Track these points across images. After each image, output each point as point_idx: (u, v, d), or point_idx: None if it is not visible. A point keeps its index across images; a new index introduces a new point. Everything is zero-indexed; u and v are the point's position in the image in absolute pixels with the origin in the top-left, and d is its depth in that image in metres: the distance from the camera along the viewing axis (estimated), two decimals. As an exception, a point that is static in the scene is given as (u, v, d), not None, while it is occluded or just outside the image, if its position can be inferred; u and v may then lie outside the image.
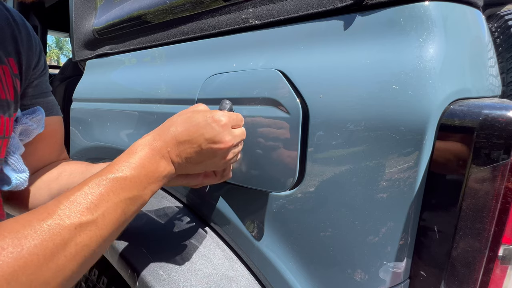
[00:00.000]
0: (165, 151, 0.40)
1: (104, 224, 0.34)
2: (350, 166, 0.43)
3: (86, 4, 0.92)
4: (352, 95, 0.43)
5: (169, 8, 0.68)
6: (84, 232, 0.32)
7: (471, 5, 0.47)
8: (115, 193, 0.35)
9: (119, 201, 0.35)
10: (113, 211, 0.35)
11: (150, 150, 0.40)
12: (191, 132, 0.41)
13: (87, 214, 0.32)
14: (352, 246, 0.45)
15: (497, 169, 0.35)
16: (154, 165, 0.39)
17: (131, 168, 0.37)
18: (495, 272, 0.38)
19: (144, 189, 0.38)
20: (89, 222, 0.32)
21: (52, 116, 0.62)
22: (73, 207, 0.32)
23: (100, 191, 0.34)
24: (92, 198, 0.34)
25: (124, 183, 0.36)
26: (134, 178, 0.37)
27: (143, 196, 0.39)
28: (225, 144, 0.42)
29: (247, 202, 0.57)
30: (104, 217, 0.34)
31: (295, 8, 0.49)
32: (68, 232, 0.31)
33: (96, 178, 0.35)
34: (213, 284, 0.54)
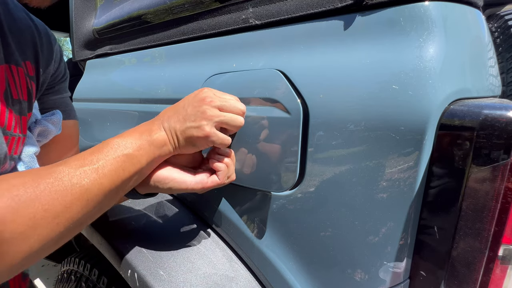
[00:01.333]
0: (156, 120, 0.47)
1: (104, 173, 0.39)
2: (350, 166, 0.43)
3: (86, 4, 0.92)
4: (352, 95, 0.43)
5: (169, 8, 0.68)
6: (86, 177, 0.37)
7: (471, 5, 0.47)
8: (113, 149, 0.41)
9: (116, 156, 0.41)
10: (111, 164, 0.40)
11: (146, 123, 0.47)
12: (177, 104, 0.48)
13: (89, 163, 0.39)
14: (352, 246, 0.45)
15: (497, 169, 0.35)
16: (146, 127, 0.45)
17: (127, 133, 0.44)
18: (495, 272, 0.38)
19: (139, 149, 0.43)
20: (91, 169, 0.38)
21: (69, 120, 0.66)
22: (80, 157, 0.39)
23: (102, 148, 0.41)
24: (94, 152, 0.40)
25: (121, 142, 0.42)
26: (129, 138, 0.43)
27: (138, 157, 0.43)
28: (203, 98, 0.45)
29: (247, 202, 0.57)
30: (104, 167, 0.39)
31: (295, 8, 0.49)
32: (73, 176, 0.37)
33: (102, 142, 0.42)
34: (213, 284, 0.54)
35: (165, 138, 0.46)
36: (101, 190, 0.39)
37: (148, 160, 0.44)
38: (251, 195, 0.55)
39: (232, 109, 0.48)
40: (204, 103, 0.45)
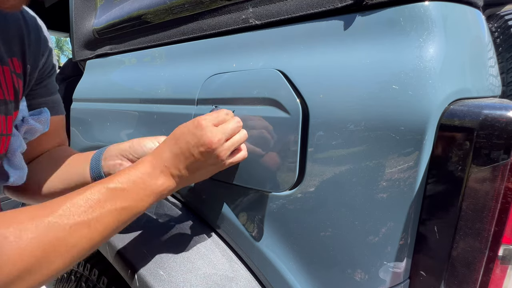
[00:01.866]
0: (163, 167, 0.44)
1: (96, 228, 0.37)
2: (350, 166, 0.43)
3: (86, 4, 0.92)
4: (352, 95, 0.43)
5: (169, 8, 0.68)
6: (76, 233, 0.36)
7: (471, 5, 0.47)
8: (112, 201, 0.39)
9: (113, 209, 0.39)
10: (106, 217, 0.38)
11: (149, 166, 0.43)
12: (180, 143, 0.44)
13: (83, 216, 0.36)
14: (352, 246, 0.45)
15: (497, 169, 0.35)
16: (152, 179, 0.43)
17: (130, 180, 0.41)
18: (495, 272, 0.38)
19: (140, 201, 0.41)
20: (83, 223, 0.36)
21: (56, 115, 0.64)
22: (73, 208, 0.36)
23: (98, 197, 0.38)
24: (90, 203, 0.37)
25: (121, 193, 0.40)
26: (131, 189, 0.41)
27: (138, 208, 0.42)
28: (210, 143, 0.43)
29: (247, 202, 0.57)
30: (97, 221, 0.37)
31: (295, 8, 0.49)
32: (62, 231, 0.35)
33: (99, 185, 0.39)
34: (213, 284, 0.54)
35: (173, 187, 0.45)
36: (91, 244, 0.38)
37: (150, 205, 0.43)
38: (251, 195, 0.55)
39: (235, 130, 0.47)
40: (213, 146, 0.43)
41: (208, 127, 0.44)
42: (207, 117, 0.45)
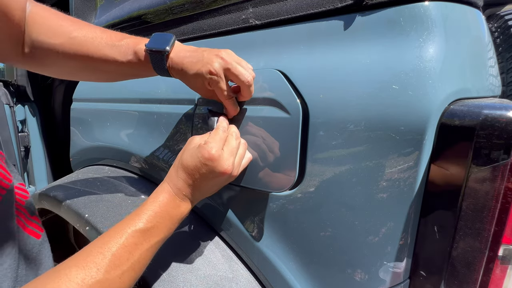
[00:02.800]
0: (182, 195, 0.46)
1: (139, 267, 0.41)
2: (350, 166, 0.43)
3: (86, 4, 0.92)
4: (352, 95, 0.43)
5: (169, 8, 0.68)
6: (126, 279, 0.39)
7: (471, 5, 0.47)
8: (147, 241, 0.42)
9: (150, 246, 0.42)
10: (146, 256, 0.42)
11: (169, 196, 0.45)
12: (194, 176, 0.45)
13: (126, 264, 0.39)
14: (352, 246, 0.45)
15: (497, 169, 0.35)
16: (176, 209, 0.45)
17: (157, 216, 0.43)
18: (495, 272, 0.38)
19: (169, 230, 0.45)
20: (129, 269, 0.40)
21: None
22: (116, 260, 0.39)
23: (134, 241, 0.41)
24: (129, 249, 0.40)
25: (153, 231, 0.43)
26: (160, 224, 0.43)
27: (168, 235, 0.46)
28: (225, 171, 0.45)
29: (247, 202, 0.57)
30: (139, 262, 0.41)
31: (295, 8, 0.49)
32: (114, 283, 0.38)
33: (129, 228, 0.41)
34: (213, 284, 0.54)
35: (192, 206, 0.48)
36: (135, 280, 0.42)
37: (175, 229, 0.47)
38: (251, 195, 0.55)
39: (238, 145, 0.48)
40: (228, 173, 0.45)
41: (220, 157, 0.44)
42: (214, 145, 0.45)
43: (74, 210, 0.71)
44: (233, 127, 0.51)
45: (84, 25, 0.53)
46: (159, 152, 0.70)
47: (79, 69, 0.55)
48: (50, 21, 0.51)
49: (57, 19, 0.52)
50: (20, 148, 1.61)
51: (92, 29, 0.53)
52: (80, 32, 0.51)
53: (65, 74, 0.59)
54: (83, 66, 0.54)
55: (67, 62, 0.53)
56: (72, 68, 0.55)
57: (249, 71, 0.48)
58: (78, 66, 0.54)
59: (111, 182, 0.80)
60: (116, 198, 0.72)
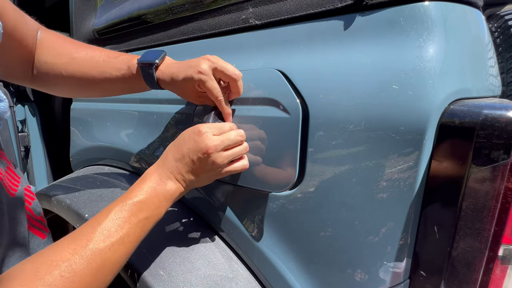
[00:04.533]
0: (169, 173, 0.47)
1: (129, 241, 0.43)
2: (350, 166, 0.43)
3: (86, 4, 0.92)
4: (352, 95, 0.43)
5: (169, 8, 0.68)
6: (116, 251, 0.41)
7: (471, 5, 0.47)
8: (134, 215, 0.43)
9: (138, 221, 0.43)
10: (134, 230, 0.43)
11: (157, 175, 0.47)
12: (180, 149, 0.47)
13: (116, 236, 0.41)
14: (352, 246, 0.45)
15: (497, 169, 0.35)
16: (163, 186, 0.46)
17: (144, 192, 0.45)
18: (495, 272, 0.38)
19: (157, 208, 0.46)
20: (119, 242, 0.41)
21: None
22: (105, 232, 0.40)
23: (123, 215, 0.43)
24: (118, 222, 0.42)
25: (140, 205, 0.44)
26: (147, 200, 0.45)
27: (157, 214, 0.46)
28: (207, 148, 0.45)
29: (247, 202, 0.57)
30: (129, 235, 0.42)
31: (295, 8, 0.49)
32: (104, 253, 0.39)
33: (119, 204, 0.44)
34: (213, 284, 0.54)
35: (182, 189, 0.48)
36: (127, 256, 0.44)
37: (165, 210, 0.48)
38: (251, 195, 0.55)
39: (236, 142, 0.49)
40: (209, 152, 0.46)
41: (206, 134, 0.46)
42: (208, 125, 0.48)
43: (74, 210, 0.71)
44: (240, 130, 0.51)
45: (85, 47, 0.59)
46: (159, 152, 0.70)
47: (80, 86, 0.59)
48: (56, 44, 0.57)
49: (62, 43, 0.58)
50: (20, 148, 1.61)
51: (91, 49, 0.59)
52: (81, 52, 0.57)
53: (68, 91, 0.63)
54: (83, 83, 0.58)
55: (70, 80, 0.57)
56: (74, 85, 0.59)
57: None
58: (79, 83, 0.58)
59: (111, 182, 0.80)
60: (116, 198, 0.72)
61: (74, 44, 0.59)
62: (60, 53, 0.57)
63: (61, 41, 0.58)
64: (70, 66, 0.56)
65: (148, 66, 0.53)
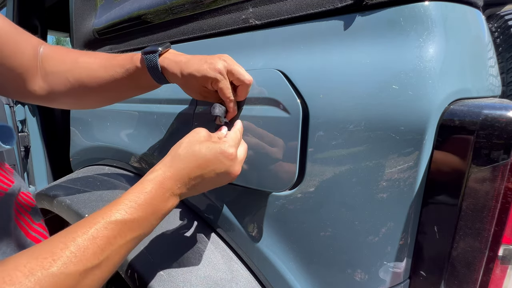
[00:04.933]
0: (176, 188, 0.41)
1: (107, 267, 0.34)
2: (350, 166, 0.43)
3: (86, 4, 0.92)
4: (352, 95, 0.43)
5: (169, 8, 0.68)
6: (88, 277, 0.32)
7: (471, 5, 0.47)
8: (122, 235, 0.35)
9: (125, 242, 0.36)
10: (118, 253, 0.35)
11: (160, 189, 0.39)
12: (203, 168, 0.42)
13: (92, 260, 0.32)
14: (352, 246, 0.45)
15: (497, 169, 0.35)
16: (162, 203, 0.40)
17: (139, 208, 0.37)
18: (495, 272, 0.38)
19: (150, 226, 0.39)
20: (94, 267, 0.32)
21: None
22: (79, 254, 0.31)
23: (107, 234, 0.34)
24: (99, 242, 0.33)
25: (132, 225, 0.36)
26: (142, 218, 0.37)
27: (148, 233, 0.40)
28: (236, 173, 0.45)
29: (247, 202, 0.57)
30: (109, 260, 0.34)
31: (295, 8, 0.49)
32: (72, 280, 0.30)
33: (104, 219, 0.35)
34: (213, 284, 0.54)
35: (177, 202, 0.43)
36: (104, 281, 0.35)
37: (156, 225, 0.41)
38: (251, 195, 0.55)
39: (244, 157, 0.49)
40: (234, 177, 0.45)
41: (237, 158, 0.45)
42: (233, 144, 0.44)
43: (74, 210, 0.71)
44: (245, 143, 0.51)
45: (88, 52, 0.59)
46: (159, 152, 0.70)
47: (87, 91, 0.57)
48: (59, 53, 0.57)
49: (65, 51, 0.58)
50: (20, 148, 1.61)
51: (95, 53, 0.58)
52: (85, 57, 0.57)
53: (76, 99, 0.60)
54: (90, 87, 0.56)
55: (76, 85, 0.56)
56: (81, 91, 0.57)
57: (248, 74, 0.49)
58: (86, 88, 0.56)
59: (111, 182, 0.80)
60: (116, 198, 0.72)
61: (77, 52, 0.59)
62: (64, 60, 0.56)
63: (63, 50, 0.58)
64: (75, 71, 0.55)
65: (151, 53, 0.51)
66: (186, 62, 0.50)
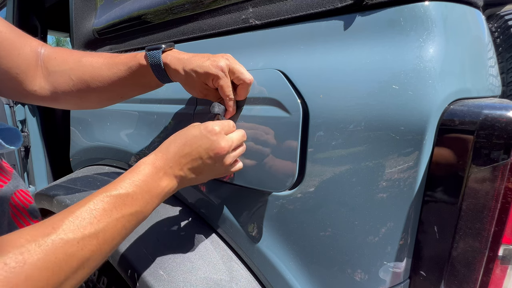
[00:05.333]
0: (168, 168, 0.43)
1: (105, 239, 0.36)
2: (350, 166, 0.43)
3: (86, 4, 0.92)
4: (352, 95, 0.43)
5: (169, 8, 0.68)
6: (86, 247, 0.34)
7: (471, 5, 0.47)
8: (117, 209, 0.37)
9: (120, 216, 0.37)
10: (114, 226, 0.37)
11: (152, 168, 0.42)
12: (190, 144, 0.44)
13: (89, 228, 0.34)
14: (352, 246, 0.45)
15: (497, 169, 0.35)
16: (156, 182, 0.42)
17: (134, 185, 0.40)
18: (495, 272, 0.38)
19: (146, 205, 0.41)
20: (91, 236, 0.34)
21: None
22: (77, 221, 0.34)
23: (103, 206, 0.36)
24: (95, 213, 0.35)
25: (126, 199, 0.38)
26: (136, 194, 0.39)
27: (144, 212, 0.41)
28: (222, 149, 0.45)
29: (247, 202, 0.57)
30: (105, 231, 0.36)
31: (295, 8, 0.49)
32: (70, 246, 0.32)
33: (101, 194, 0.37)
34: (213, 284, 0.54)
35: (176, 187, 0.45)
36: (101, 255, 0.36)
37: (155, 207, 0.43)
38: (251, 195, 0.55)
39: (240, 142, 0.49)
40: (223, 153, 0.45)
41: (221, 134, 0.45)
42: (219, 124, 0.46)
43: (74, 210, 0.71)
44: (242, 130, 0.51)
45: (91, 53, 0.59)
46: (159, 152, 0.70)
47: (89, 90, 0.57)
48: (61, 53, 0.57)
49: (68, 51, 0.58)
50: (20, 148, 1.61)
51: (97, 53, 0.58)
52: (88, 57, 0.57)
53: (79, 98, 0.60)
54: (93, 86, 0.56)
55: (79, 84, 0.56)
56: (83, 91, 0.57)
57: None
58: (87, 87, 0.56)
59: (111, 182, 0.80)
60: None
61: (79, 52, 0.59)
62: (66, 60, 0.56)
63: (66, 51, 0.59)
64: (78, 70, 0.55)
65: (155, 50, 0.52)
66: (189, 59, 0.50)
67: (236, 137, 0.48)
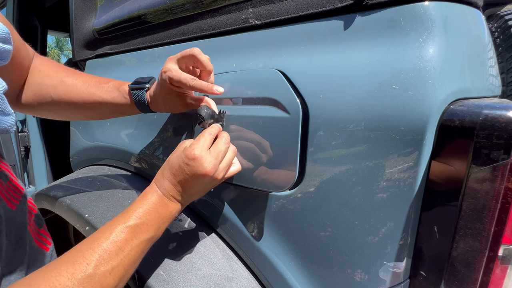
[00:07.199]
0: (169, 195, 0.47)
1: (129, 264, 0.41)
2: (350, 166, 0.43)
3: (86, 4, 0.92)
4: (352, 95, 0.43)
5: (169, 8, 0.68)
6: (116, 275, 0.39)
7: (471, 5, 0.47)
8: (136, 237, 0.43)
9: (139, 242, 0.43)
10: (135, 252, 0.42)
11: (158, 196, 0.47)
12: (178, 174, 0.46)
13: (116, 259, 0.40)
14: (352, 246, 0.45)
15: (497, 169, 0.35)
16: (164, 207, 0.46)
17: (146, 213, 0.45)
18: (495, 272, 0.38)
19: (158, 228, 0.46)
20: (119, 265, 0.40)
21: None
22: (105, 255, 0.39)
23: (125, 237, 0.42)
24: (119, 244, 0.41)
25: (142, 228, 0.43)
26: (150, 221, 0.44)
27: (158, 235, 0.46)
28: (208, 172, 0.45)
29: (247, 202, 0.57)
30: (129, 258, 0.41)
31: (295, 8, 0.49)
32: (105, 279, 0.38)
33: (119, 224, 0.42)
34: (213, 284, 0.54)
35: (180, 207, 0.49)
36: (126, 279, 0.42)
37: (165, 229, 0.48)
38: (251, 195, 0.55)
39: (226, 150, 0.49)
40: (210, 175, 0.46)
41: (202, 158, 0.45)
42: (197, 146, 0.46)
43: (74, 210, 0.71)
44: (224, 133, 0.50)
45: (76, 73, 0.61)
46: (159, 152, 0.70)
47: (69, 108, 0.59)
48: (47, 67, 0.59)
49: (53, 66, 0.60)
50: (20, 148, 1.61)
51: (82, 75, 0.60)
52: (72, 77, 0.59)
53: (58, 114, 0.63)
54: (73, 105, 0.59)
55: (59, 103, 0.58)
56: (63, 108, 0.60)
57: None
58: (68, 105, 0.59)
59: (111, 182, 0.80)
60: (116, 198, 0.72)
61: (65, 70, 0.60)
62: (50, 75, 0.58)
63: (52, 65, 0.60)
64: (59, 88, 0.57)
65: (139, 90, 0.55)
66: (154, 88, 0.55)
67: (221, 149, 0.47)
